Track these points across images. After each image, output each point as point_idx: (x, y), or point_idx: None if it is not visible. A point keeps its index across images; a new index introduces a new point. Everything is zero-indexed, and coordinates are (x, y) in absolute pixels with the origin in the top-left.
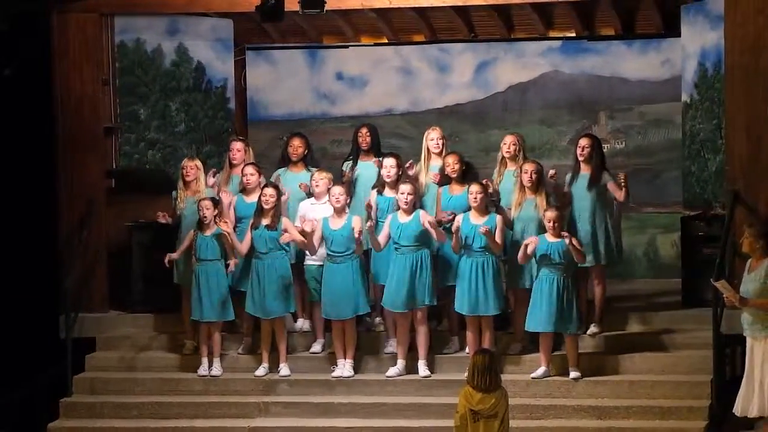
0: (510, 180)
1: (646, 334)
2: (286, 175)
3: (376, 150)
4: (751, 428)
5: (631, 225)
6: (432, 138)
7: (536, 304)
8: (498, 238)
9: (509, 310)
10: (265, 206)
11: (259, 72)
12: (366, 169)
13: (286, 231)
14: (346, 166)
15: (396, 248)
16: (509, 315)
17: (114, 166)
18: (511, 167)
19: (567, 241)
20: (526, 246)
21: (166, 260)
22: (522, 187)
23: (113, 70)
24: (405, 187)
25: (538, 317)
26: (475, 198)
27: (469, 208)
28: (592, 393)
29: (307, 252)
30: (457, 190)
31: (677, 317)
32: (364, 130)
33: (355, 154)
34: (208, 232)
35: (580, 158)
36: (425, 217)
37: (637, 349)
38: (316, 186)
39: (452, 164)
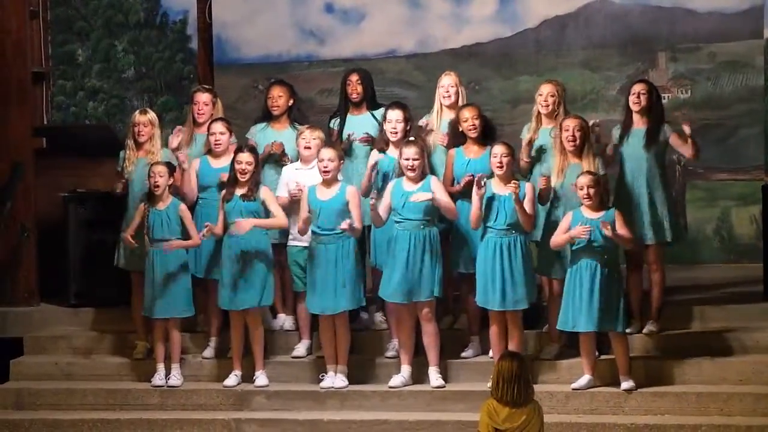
0: (547, 140)
1: (717, 333)
2: (265, 133)
3: (370, 102)
4: None
5: (699, 196)
6: (443, 84)
7: (574, 296)
8: (529, 210)
9: (543, 302)
10: (242, 177)
11: (228, 3)
12: (358, 126)
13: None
14: (334, 123)
15: (398, 222)
16: (543, 310)
17: (45, 122)
18: (549, 124)
19: (606, 231)
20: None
21: (126, 241)
22: (563, 149)
23: (44, 0)
24: (410, 150)
25: (576, 313)
26: (500, 162)
27: (491, 175)
28: (650, 408)
29: (292, 232)
30: (475, 152)
31: (758, 312)
32: (354, 77)
33: (344, 107)
34: (162, 206)
35: (633, 109)
36: (437, 186)
37: (707, 353)
38: (307, 148)
39: (470, 119)
